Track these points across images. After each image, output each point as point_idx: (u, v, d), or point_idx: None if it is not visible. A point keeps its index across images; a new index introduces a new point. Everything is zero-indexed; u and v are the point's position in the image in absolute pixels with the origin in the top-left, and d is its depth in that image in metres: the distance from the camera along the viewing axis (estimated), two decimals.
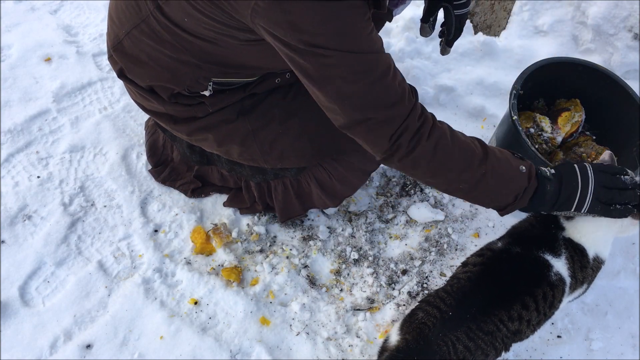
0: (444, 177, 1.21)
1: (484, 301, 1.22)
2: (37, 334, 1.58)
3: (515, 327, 1.22)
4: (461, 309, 1.20)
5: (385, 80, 1.11)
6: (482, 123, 2.15)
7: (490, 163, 1.19)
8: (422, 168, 1.19)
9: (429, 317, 1.21)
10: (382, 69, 1.10)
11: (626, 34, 2.15)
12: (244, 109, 1.52)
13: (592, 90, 1.84)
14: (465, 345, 1.17)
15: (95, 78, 2.24)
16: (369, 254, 1.81)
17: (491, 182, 1.20)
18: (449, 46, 1.58)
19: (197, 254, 1.78)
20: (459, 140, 1.20)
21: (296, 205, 1.76)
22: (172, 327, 1.60)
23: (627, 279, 1.76)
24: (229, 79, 1.44)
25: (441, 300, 1.23)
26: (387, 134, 1.13)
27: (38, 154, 1.99)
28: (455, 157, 1.18)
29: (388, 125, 1.12)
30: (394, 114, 1.12)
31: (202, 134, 1.56)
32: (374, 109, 1.11)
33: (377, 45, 1.12)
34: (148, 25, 1.30)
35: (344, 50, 1.05)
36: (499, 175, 1.20)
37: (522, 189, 1.21)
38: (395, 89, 1.12)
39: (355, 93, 1.09)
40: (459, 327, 1.18)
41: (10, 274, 1.69)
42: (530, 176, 1.21)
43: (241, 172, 1.74)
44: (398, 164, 1.19)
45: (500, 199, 1.24)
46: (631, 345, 1.64)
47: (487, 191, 1.22)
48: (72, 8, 2.58)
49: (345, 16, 1.05)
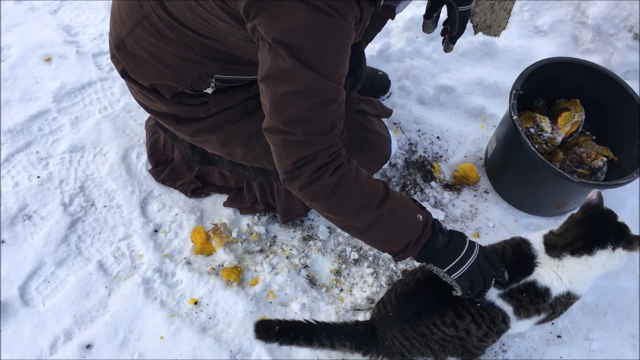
0: (340, 214, 1.21)
1: (419, 305, 1.33)
2: (37, 334, 1.58)
3: (452, 333, 1.29)
4: (400, 310, 1.34)
5: (326, 109, 1.09)
6: (482, 123, 2.15)
7: (388, 206, 1.19)
8: (320, 202, 1.18)
9: (378, 314, 1.39)
10: (330, 96, 1.10)
11: (626, 34, 2.15)
12: (247, 109, 1.52)
13: (592, 90, 1.84)
14: (401, 343, 1.33)
15: (95, 78, 2.24)
16: (369, 254, 1.81)
17: (386, 225, 1.20)
18: (452, 43, 1.57)
19: (197, 254, 1.78)
20: (362, 180, 1.19)
21: (298, 205, 1.76)
22: (172, 327, 1.60)
23: (627, 279, 1.76)
24: (232, 76, 1.44)
25: (388, 301, 1.38)
26: (297, 155, 1.11)
27: (38, 154, 1.99)
28: (354, 196, 1.17)
29: (302, 148, 1.11)
30: (313, 141, 1.11)
31: (205, 135, 1.56)
32: (299, 127, 1.09)
33: (339, 74, 1.11)
34: (150, 22, 1.31)
35: (307, 65, 1.04)
36: (395, 219, 1.20)
37: (415, 236, 1.21)
38: (329, 121, 1.11)
39: (293, 106, 1.08)
40: (396, 326, 1.33)
41: (10, 274, 1.69)
42: (425, 226, 1.22)
43: (243, 173, 1.74)
44: (298, 192, 1.18)
45: (394, 244, 1.23)
46: (631, 345, 1.64)
47: (381, 234, 1.23)
48: (72, 8, 2.58)
49: (328, 33, 1.04)
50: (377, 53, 2.29)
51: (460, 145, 2.08)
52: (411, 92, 2.20)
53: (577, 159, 1.79)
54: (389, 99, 2.17)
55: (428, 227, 1.22)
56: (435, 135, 2.10)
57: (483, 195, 1.95)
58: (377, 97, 2.12)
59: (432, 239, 1.22)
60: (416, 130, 2.11)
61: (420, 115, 2.13)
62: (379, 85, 2.12)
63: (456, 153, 2.06)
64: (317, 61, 1.05)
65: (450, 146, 2.08)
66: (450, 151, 2.07)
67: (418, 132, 2.10)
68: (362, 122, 1.69)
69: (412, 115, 2.13)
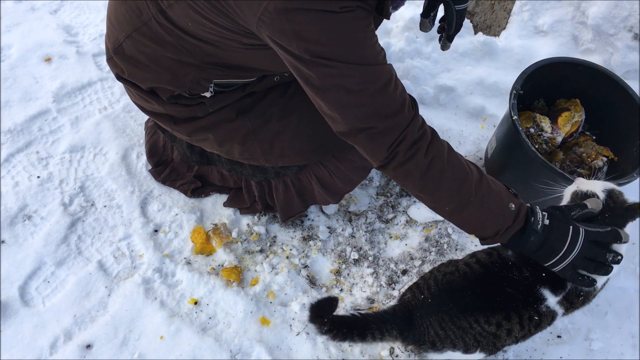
0: (432, 195, 1.21)
1: (466, 301, 1.28)
2: (37, 334, 1.58)
3: (492, 331, 1.26)
4: (441, 300, 1.29)
5: (387, 91, 1.11)
6: (482, 123, 2.15)
7: (481, 192, 1.19)
8: (413, 181, 1.19)
9: (413, 298, 1.34)
10: (384, 79, 1.11)
11: (626, 34, 2.15)
12: (243, 107, 1.52)
13: (592, 90, 1.84)
14: (436, 332, 1.29)
15: (95, 78, 2.24)
16: (369, 254, 1.81)
17: (476, 211, 1.20)
18: (449, 41, 1.59)
19: (197, 254, 1.78)
20: (456, 162, 1.19)
21: (297, 202, 1.76)
22: (172, 327, 1.60)
23: (627, 279, 1.76)
24: (230, 80, 1.44)
25: (427, 288, 1.33)
26: (387, 143, 1.14)
27: (38, 154, 1.99)
28: (447, 178, 1.17)
29: (387, 134, 1.13)
30: (394, 124, 1.13)
31: (202, 134, 1.56)
32: (375, 118, 1.12)
33: (380, 56, 1.13)
34: (149, 28, 1.30)
35: (348, 62, 1.06)
36: (486, 206, 1.19)
37: (504, 226, 1.19)
38: (396, 99, 1.13)
39: (357, 103, 1.10)
40: (434, 314, 1.29)
41: (10, 274, 1.69)
42: (517, 216, 1.19)
43: (241, 172, 1.74)
44: (392, 172, 1.20)
45: (482, 230, 1.23)
46: (631, 345, 1.64)
47: (470, 219, 1.22)
48: (72, 8, 2.58)
49: (350, 28, 1.06)
50: None
51: (460, 145, 2.08)
52: (411, 92, 2.20)
53: (577, 159, 1.79)
54: None
55: (520, 218, 1.19)
56: None
57: None
58: None
59: (526, 233, 1.18)
60: None
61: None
62: None
63: None
64: (357, 54, 1.07)
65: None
66: None
67: None
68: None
69: None
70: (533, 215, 1.20)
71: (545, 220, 1.20)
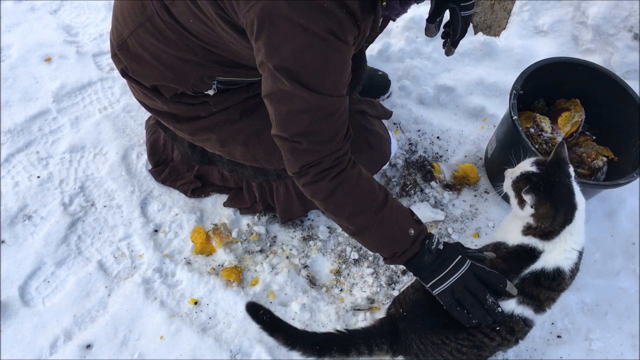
0: (335, 215, 1.29)
1: (431, 319, 1.29)
2: (37, 334, 1.58)
3: (468, 344, 1.27)
4: (413, 316, 1.33)
5: (329, 120, 1.15)
6: (482, 123, 2.15)
7: (381, 216, 1.24)
8: (318, 200, 1.26)
9: (396, 312, 1.37)
10: (332, 109, 1.15)
11: (626, 34, 2.15)
12: (247, 109, 1.52)
13: (592, 90, 1.84)
14: (418, 346, 1.31)
15: (95, 78, 2.24)
16: (369, 254, 1.81)
17: (376, 233, 1.26)
18: (454, 47, 1.59)
19: (197, 254, 1.78)
20: (362, 187, 1.24)
21: (297, 206, 1.76)
22: (172, 327, 1.60)
23: (627, 279, 1.76)
24: (234, 78, 1.44)
25: (404, 301, 1.37)
26: (303, 161, 1.19)
27: (38, 154, 1.99)
28: (350, 202, 1.23)
29: (307, 155, 1.18)
30: (318, 149, 1.17)
31: (205, 134, 1.56)
32: (305, 137, 1.15)
33: (340, 88, 1.15)
34: (153, 24, 1.31)
35: (308, 88, 1.08)
36: (386, 229, 1.25)
37: (401, 249, 1.25)
38: (333, 129, 1.17)
39: (297, 120, 1.14)
40: (412, 329, 1.31)
41: (10, 274, 1.69)
42: (415, 241, 1.25)
43: (242, 173, 1.74)
44: (301, 187, 1.26)
45: (381, 251, 1.32)
46: (631, 345, 1.64)
47: (370, 240, 1.30)
48: (72, 8, 2.58)
49: (328, 58, 1.08)
50: (377, 53, 2.29)
51: (460, 145, 2.08)
52: (411, 92, 2.20)
53: (577, 159, 1.79)
54: (389, 99, 2.17)
55: (417, 243, 1.25)
56: (435, 135, 2.10)
57: (483, 195, 1.95)
58: (377, 97, 2.12)
59: (420, 254, 1.25)
60: (416, 130, 2.11)
61: (420, 115, 2.13)
62: (378, 85, 2.12)
63: (456, 153, 2.06)
64: (318, 83, 1.10)
65: (450, 146, 2.08)
66: (450, 151, 2.07)
67: (418, 132, 2.10)
68: (362, 122, 1.69)
69: (412, 115, 2.13)
70: (429, 239, 1.27)
71: (439, 245, 1.27)
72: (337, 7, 1.03)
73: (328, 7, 1.01)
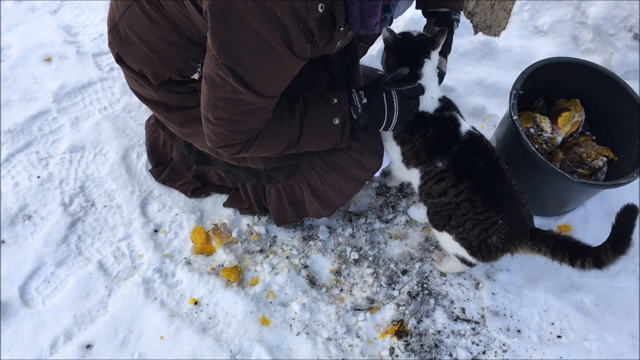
0: (265, 164, 1.50)
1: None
2: (37, 334, 1.58)
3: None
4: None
5: (253, 115, 1.23)
6: (482, 123, 2.15)
7: (305, 137, 1.37)
8: (246, 160, 1.46)
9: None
10: (259, 107, 1.22)
11: (626, 34, 2.15)
12: None
13: (592, 90, 1.84)
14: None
15: (95, 78, 2.24)
16: (369, 254, 1.81)
17: (310, 146, 1.41)
18: (445, 59, 1.65)
19: (197, 254, 1.78)
20: (274, 135, 1.34)
21: (289, 211, 1.75)
22: (172, 327, 1.60)
23: (627, 279, 1.76)
24: None
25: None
26: (219, 142, 1.29)
27: (38, 154, 1.99)
28: (272, 148, 1.37)
29: (225, 139, 1.28)
30: (235, 137, 1.27)
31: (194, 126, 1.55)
32: (226, 125, 1.24)
33: (274, 91, 1.22)
34: (140, 5, 1.34)
35: (246, 85, 1.14)
36: (316, 139, 1.39)
37: (339, 137, 1.40)
38: (254, 124, 1.26)
39: (224, 107, 1.20)
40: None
41: (10, 274, 1.69)
42: (344, 122, 1.38)
43: (237, 174, 1.74)
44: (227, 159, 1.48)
45: (325, 147, 1.45)
46: (631, 345, 1.64)
47: (310, 149, 1.44)
48: (72, 8, 2.58)
49: (270, 64, 1.13)
50: (377, 53, 2.29)
51: None
52: None
53: (577, 159, 1.79)
54: None
55: (347, 123, 1.39)
56: None
57: None
58: None
59: (355, 126, 1.41)
60: None
61: None
62: None
63: None
64: (256, 83, 1.15)
65: None
66: None
67: None
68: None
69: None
70: (352, 103, 1.39)
71: (363, 99, 1.40)
72: (294, 21, 1.06)
73: (283, 18, 1.04)
